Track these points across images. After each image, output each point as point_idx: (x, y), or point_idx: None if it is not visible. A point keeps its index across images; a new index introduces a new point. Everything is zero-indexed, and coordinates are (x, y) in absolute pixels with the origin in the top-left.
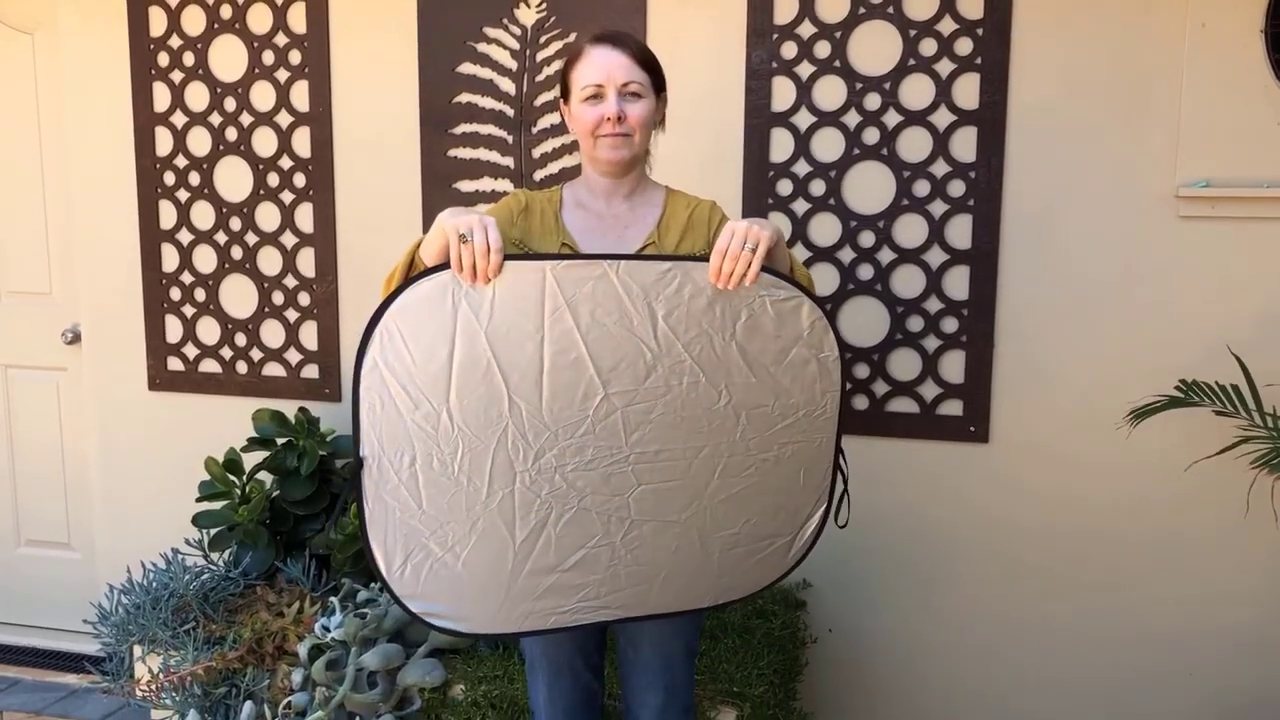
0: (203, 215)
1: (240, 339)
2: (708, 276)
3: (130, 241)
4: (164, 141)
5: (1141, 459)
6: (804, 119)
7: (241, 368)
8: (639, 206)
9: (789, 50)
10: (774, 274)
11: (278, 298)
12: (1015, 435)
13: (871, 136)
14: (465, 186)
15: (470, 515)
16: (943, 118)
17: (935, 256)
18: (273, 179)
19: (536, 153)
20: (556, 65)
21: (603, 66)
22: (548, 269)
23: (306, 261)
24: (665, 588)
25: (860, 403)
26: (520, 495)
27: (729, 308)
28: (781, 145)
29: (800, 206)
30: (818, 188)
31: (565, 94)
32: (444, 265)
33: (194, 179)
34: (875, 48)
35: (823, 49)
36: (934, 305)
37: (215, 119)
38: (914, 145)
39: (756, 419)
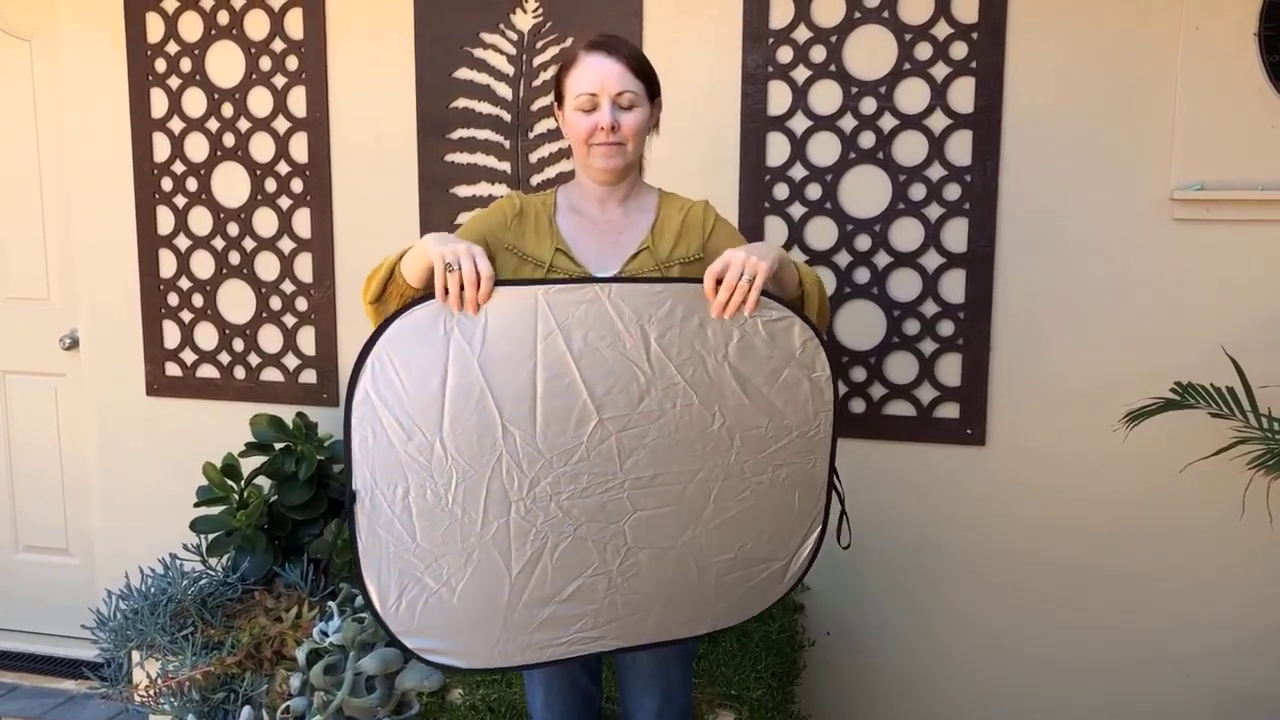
0: (200, 221)
1: (238, 344)
2: (700, 298)
3: (128, 247)
4: (161, 147)
5: (1138, 461)
6: (800, 123)
7: (239, 373)
8: (633, 211)
9: (785, 55)
10: (767, 295)
11: (275, 303)
12: (1012, 438)
13: (867, 140)
14: (462, 191)
15: (465, 547)
16: (938, 121)
17: (931, 260)
18: (270, 184)
19: (533, 157)
20: (553, 70)
21: (597, 75)
22: (539, 293)
23: (304, 267)
24: (662, 615)
25: (857, 406)
26: (515, 525)
27: (721, 329)
28: (778, 149)
29: (796, 210)
30: (814, 191)
31: (559, 99)
32: (433, 294)
33: (191, 184)
34: (870, 52)
35: (818, 53)
36: (930, 308)
37: (213, 125)
38: (910, 149)
39: (751, 441)
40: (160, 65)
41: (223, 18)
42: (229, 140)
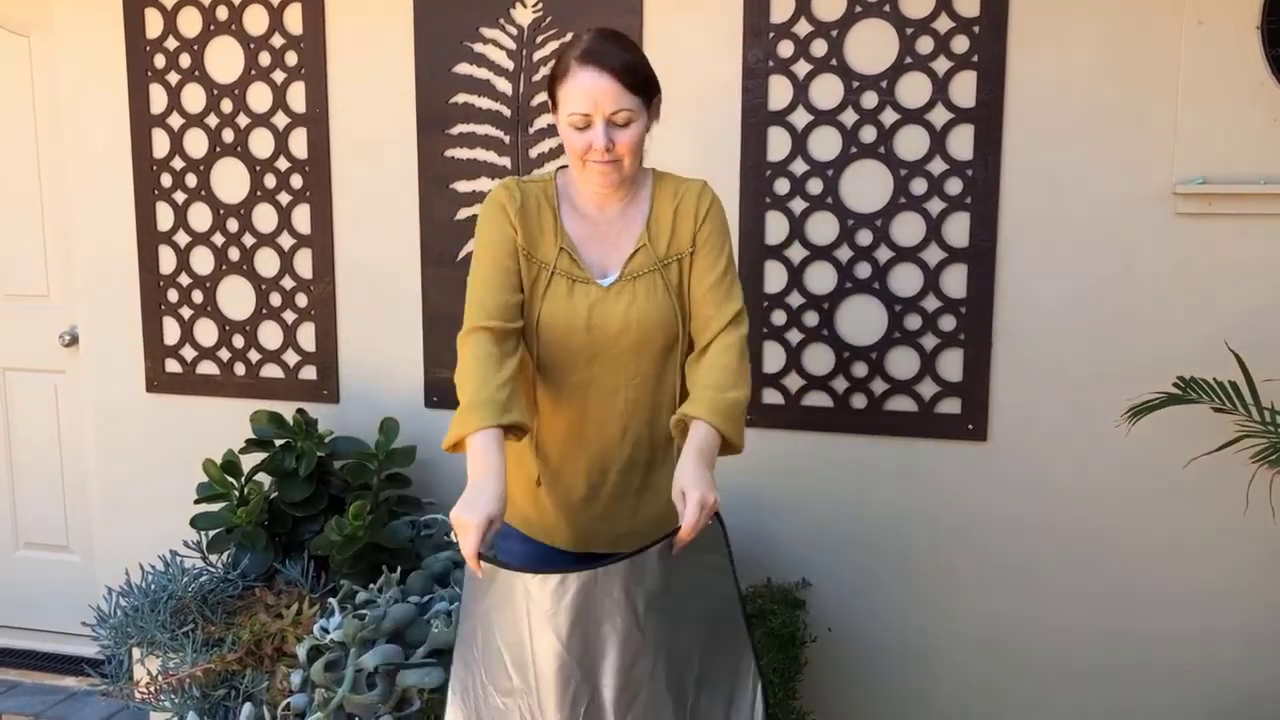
0: (200, 217)
1: (238, 341)
2: (669, 548)
3: (127, 243)
4: (161, 143)
5: (1140, 456)
6: (801, 118)
7: (239, 369)
8: (629, 208)
9: (785, 49)
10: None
11: (275, 299)
12: (1013, 433)
13: (868, 135)
14: (462, 187)
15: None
16: (940, 116)
17: (933, 255)
18: (270, 180)
19: (533, 153)
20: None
21: (589, 94)
22: (527, 583)
23: (304, 263)
24: None
25: (858, 401)
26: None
27: (675, 575)
28: (779, 144)
29: (798, 205)
30: (815, 186)
31: (553, 104)
32: None
33: (191, 180)
34: (872, 46)
35: (819, 47)
36: (932, 303)
37: (212, 120)
38: (911, 143)
39: (701, 641)
40: (159, 61)
41: (221, 13)
42: (228, 136)
